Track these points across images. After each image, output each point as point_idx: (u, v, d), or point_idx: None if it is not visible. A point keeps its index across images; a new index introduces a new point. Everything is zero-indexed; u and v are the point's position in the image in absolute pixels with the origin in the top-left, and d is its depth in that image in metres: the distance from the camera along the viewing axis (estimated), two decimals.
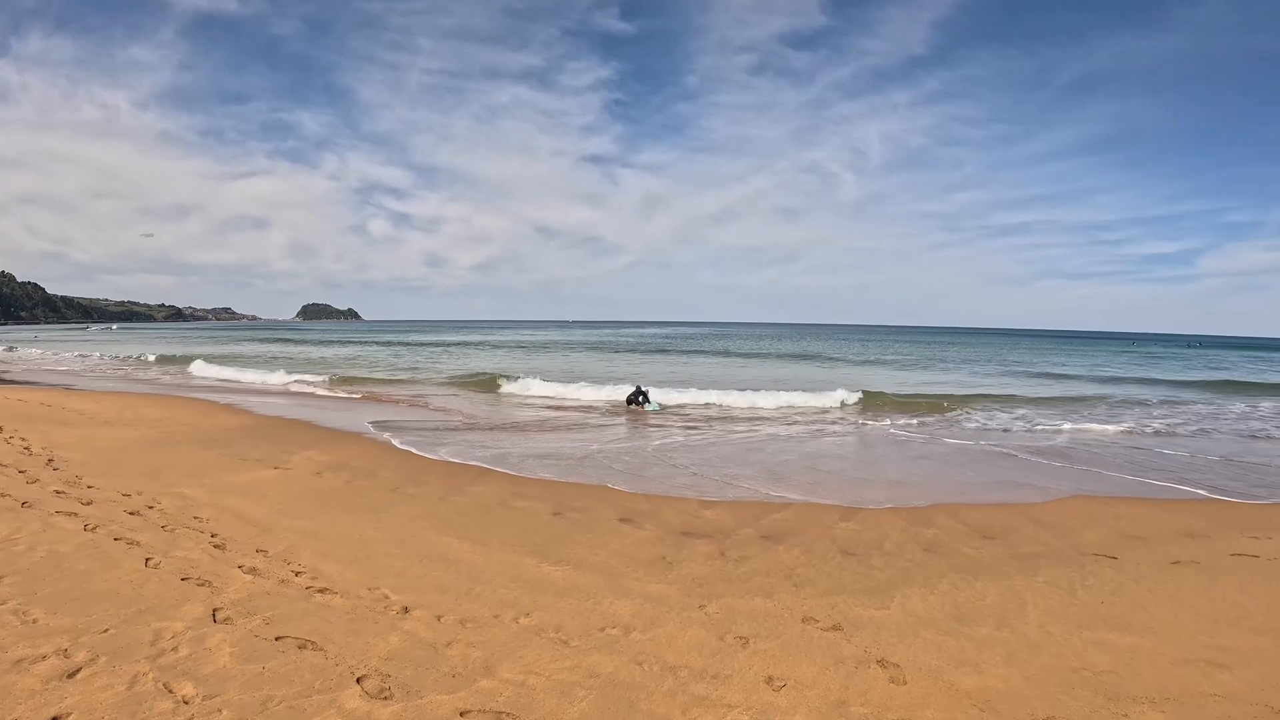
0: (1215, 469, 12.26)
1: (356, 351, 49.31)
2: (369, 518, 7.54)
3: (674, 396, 20.62)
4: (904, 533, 7.49)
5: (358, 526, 7.17)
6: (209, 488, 8.75)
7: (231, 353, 44.76)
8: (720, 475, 10.39)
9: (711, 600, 5.37)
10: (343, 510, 7.83)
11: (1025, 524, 8.15)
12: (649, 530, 7.17)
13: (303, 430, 14.44)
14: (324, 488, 8.99)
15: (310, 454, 11.38)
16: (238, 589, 5.29)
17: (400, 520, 7.45)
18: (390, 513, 7.77)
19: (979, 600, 5.78)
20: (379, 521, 7.39)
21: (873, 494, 9.44)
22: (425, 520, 7.47)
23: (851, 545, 6.97)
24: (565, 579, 5.74)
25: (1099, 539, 7.64)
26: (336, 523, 7.31)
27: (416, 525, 7.26)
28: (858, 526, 7.62)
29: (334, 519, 7.46)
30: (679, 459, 11.62)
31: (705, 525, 7.44)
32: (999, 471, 11.51)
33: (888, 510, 8.47)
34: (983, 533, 7.70)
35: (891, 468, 11.67)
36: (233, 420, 15.72)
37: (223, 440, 12.67)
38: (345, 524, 7.27)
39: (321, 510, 7.83)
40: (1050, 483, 10.56)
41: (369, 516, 7.59)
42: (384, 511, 7.82)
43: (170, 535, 6.58)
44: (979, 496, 9.54)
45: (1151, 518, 8.63)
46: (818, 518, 7.94)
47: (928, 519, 8.09)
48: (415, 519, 7.52)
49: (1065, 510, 8.89)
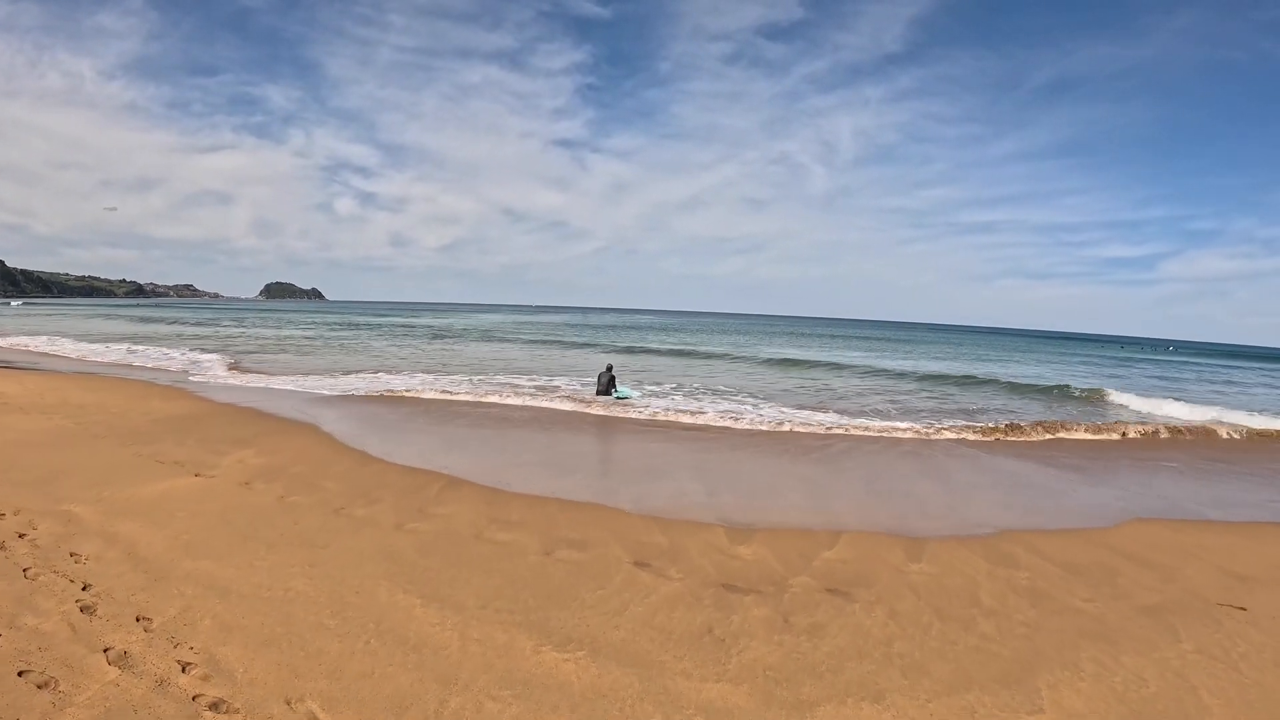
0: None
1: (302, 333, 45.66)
2: (301, 557, 5.58)
3: (645, 388, 18.95)
4: (992, 577, 5.97)
5: (283, 573, 5.22)
6: (105, 504, 6.76)
7: (156, 333, 40.63)
8: (725, 484, 8.70)
9: (804, 712, 3.67)
10: (267, 544, 5.84)
11: (1112, 558, 6.77)
12: (677, 581, 5.42)
13: (243, 422, 12.26)
14: (249, 507, 6.94)
15: (243, 455, 9.26)
16: (89, 699, 3.42)
17: (343, 562, 5.51)
18: (331, 549, 5.82)
19: (1140, 687, 4.29)
20: (314, 564, 5.44)
21: (911, 513, 7.92)
22: (376, 562, 5.54)
23: (941, 600, 5.38)
24: (583, 678, 3.93)
25: (1209, 581, 6.31)
26: (256, 566, 5.34)
27: (364, 571, 5.33)
28: (934, 569, 6.06)
29: (253, 559, 5.49)
30: (672, 462, 9.90)
31: (747, 571, 5.73)
32: (1030, 481, 10.21)
33: (952, 542, 6.95)
34: (1077, 573, 6.27)
35: (888, 477, 10.23)
36: (165, 408, 13.44)
37: (146, 434, 10.53)
38: (267, 568, 5.31)
39: (239, 544, 5.83)
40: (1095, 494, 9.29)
41: (301, 555, 5.62)
42: (322, 547, 5.85)
43: (29, 586, 4.75)
44: (1031, 520, 8.15)
45: (1241, 549, 7.40)
46: (879, 554, 6.35)
47: (1006, 555, 6.60)
48: (363, 560, 5.58)
49: (1140, 539, 7.58)
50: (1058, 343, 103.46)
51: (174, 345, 30.43)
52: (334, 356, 27.62)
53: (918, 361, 38.05)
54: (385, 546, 5.96)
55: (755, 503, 8.19)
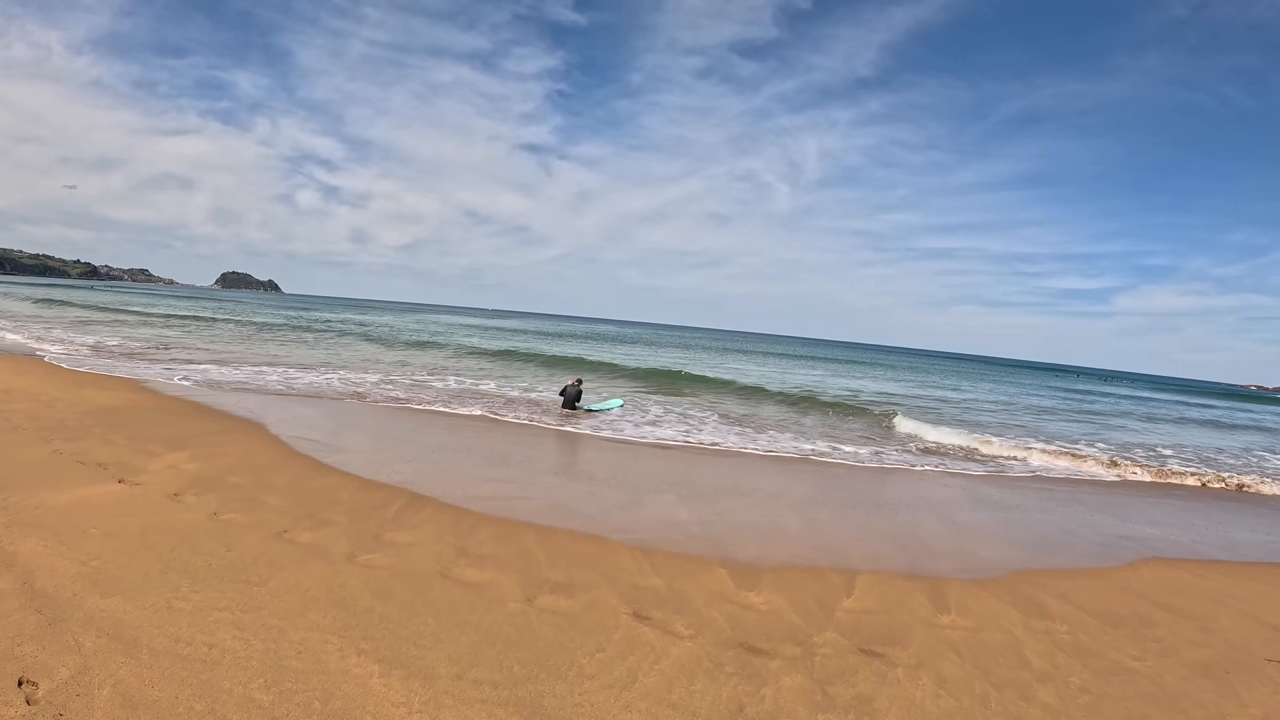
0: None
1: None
2: (232, 597, 4.57)
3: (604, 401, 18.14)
4: (1028, 630, 5.36)
5: (208, 620, 4.22)
6: (8, 513, 5.71)
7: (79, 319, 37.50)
8: (711, 509, 7.91)
9: None
10: (192, 577, 4.81)
11: (1141, 605, 6.28)
12: (688, 640, 4.60)
13: (184, 418, 11.05)
14: (176, 526, 5.86)
15: (176, 459, 8.13)
16: None
17: (283, 606, 4.51)
18: (269, 587, 4.81)
19: None
20: (247, 608, 4.43)
21: (907, 547, 7.30)
22: (324, 608, 4.56)
23: (987, 661, 4.71)
24: None
25: (1247, 633, 5.86)
26: (176, 608, 4.34)
27: (308, 621, 4.35)
28: (965, 621, 5.41)
29: (174, 598, 4.48)
30: (651, 482, 9.07)
31: (765, 626, 4.95)
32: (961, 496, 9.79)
33: (972, 585, 6.34)
34: (1113, 622, 5.72)
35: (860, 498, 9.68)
36: (100, 398, 12.07)
37: (73, 428, 9.28)
38: (189, 611, 4.31)
39: (159, 575, 4.80)
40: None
41: (232, 595, 4.61)
42: (258, 584, 4.84)
43: None
44: (1020, 550, 7.64)
45: (1265, 596, 7.05)
46: (902, 602, 5.67)
47: (1033, 602, 6.02)
48: (307, 604, 4.59)
49: (1160, 582, 7.14)
50: (993, 368, 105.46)
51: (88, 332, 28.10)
52: (295, 350, 25.86)
53: (785, 375, 37.98)
54: (335, 586, 4.97)
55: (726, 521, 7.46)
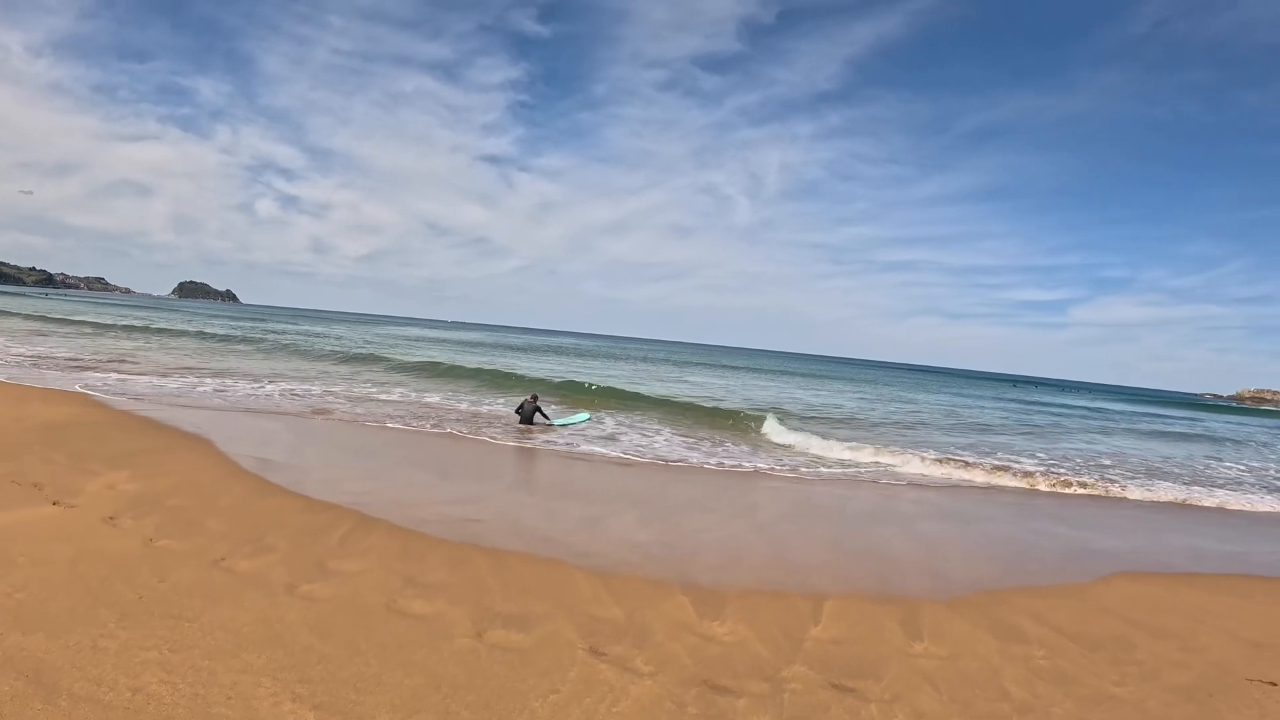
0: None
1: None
2: (161, 635, 4.21)
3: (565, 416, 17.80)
4: (1004, 655, 5.14)
5: (135, 661, 3.86)
6: None
7: None
8: (672, 531, 7.60)
9: None
10: (121, 612, 4.43)
11: (1116, 624, 6.11)
12: (648, 678, 4.32)
13: (130, 434, 10.50)
14: (109, 553, 5.46)
15: (115, 479, 7.69)
16: None
17: (215, 645, 4.15)
18: (201, 622, 4.45)
19: None
20: (176, 647, 4.07)
21: (864, 565, 7.08)
22: (259, 647, 4.20)
23: (967, 693, 4.48)
24: None
25: (1227, 651, 5.71)
26: (101, 647, 3.97)
27: (241, 662, 3.99)
28: (939, 649, 5.18)
29: (100, 635, 4.10)
30: (610, 499, 8.71)
31: (730, 660, 4.69)
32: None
33: (944, 608, 6.12)
34: (1091, 645, 5.54)
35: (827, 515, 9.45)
36: (46, 413, 11.41)
37: (12, 445, 8.82)
38: (115, 651, 3.93)
39: (87, 610, 4.42)
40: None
41: (162, 631, 4.24)
42: (190, 619, 4.47)
43: None
44: (970, 564, 7.47)
45: (1244, 612, 6.91)
46: (875, 630, 5.43)
47: (1009, 625, 5.82)
48: (241, 642, 4.24)
49: (1133, 599, 7.00)
50: (953, 380, 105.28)
51: None
52: (247, 363, 25.16)
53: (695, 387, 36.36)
54: (272, 621, 4.62)
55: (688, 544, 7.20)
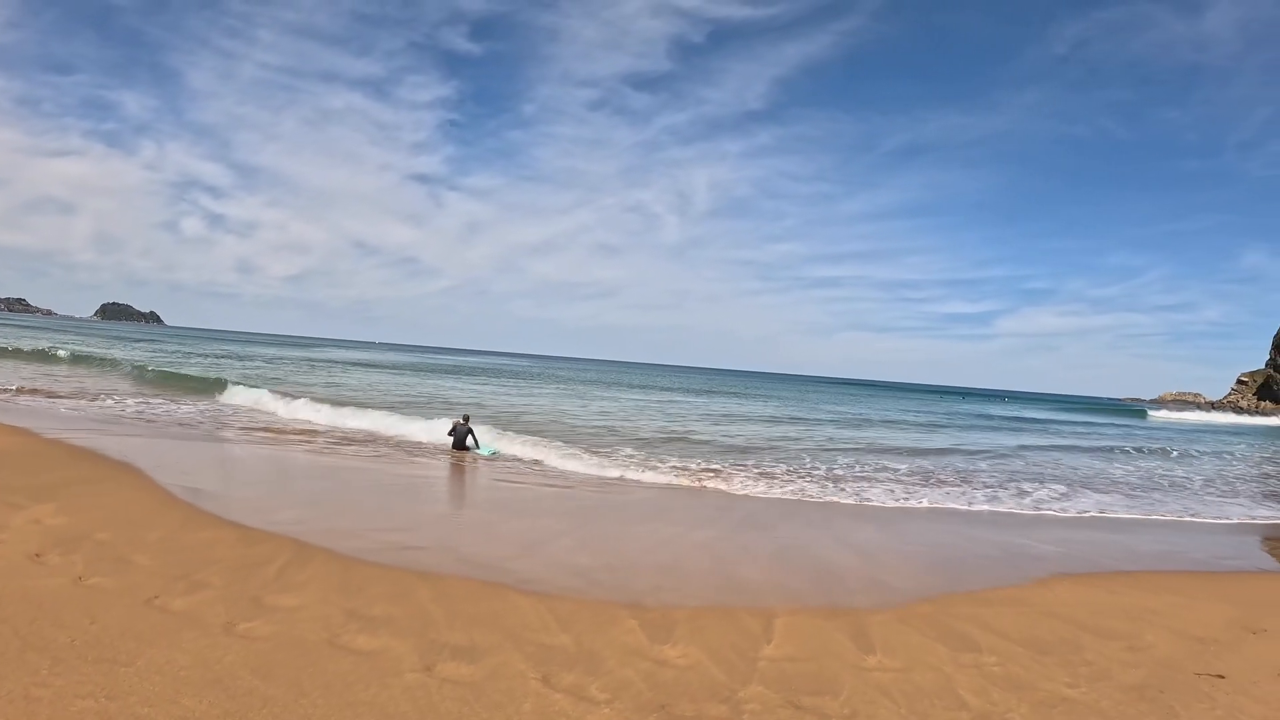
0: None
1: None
2: (96, 682, 3.92)
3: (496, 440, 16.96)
4: (956, 664, 5.22)
5: (69, 712, 3.58)
6: None
7: None
8: (608, 551, 7.51)
9: None
10: (53, 657, 4.11)
11: (1062, 627, 6.27)
12: (605, 706, 4.24)
13: (58, 463, 9.99)
14: (36, 594, 5.12)
15: (40, 513, 7.22)
16: None
17: (152, 692, 3.90)
18: (136, 666, 4.20)
19: None
20: (112, 695, 3.80)
21: (803, 574, 7.14)
22: (198, 691, 3.93)
23: (924, 705, 4.49)
24: None
25: (1173, 648, 5.90)
26: (33, 696, 3.75)
27: (181, 709, 3.69)
28: (892, 661, 5.22)
29: (31, 683, 3.86)
30: (549, 519, 8.51)
31: (685, 683, 4.66)
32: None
33: (891, 616, 6.20)
34: (1039, 649, 5.65)
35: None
36: None
37: None
38: (48, 701, 3.75)
39: (15, 656, 4.16)
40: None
41: (97, 678, 3.96)
42: (125, 663, 4.22)
43: None
44: (913, 572, 7.61)
45: (1184, 609, 7.14)
46: (826, 645, 5.45)
47: (957, 633, 5.90)
48: (179, 689, 3.98)
49: (1072, 600, 7.21)
50: (883, 392, 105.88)
51: None
52: (179, 387, 24.64)
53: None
54: (211, 662, 4.40)
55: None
